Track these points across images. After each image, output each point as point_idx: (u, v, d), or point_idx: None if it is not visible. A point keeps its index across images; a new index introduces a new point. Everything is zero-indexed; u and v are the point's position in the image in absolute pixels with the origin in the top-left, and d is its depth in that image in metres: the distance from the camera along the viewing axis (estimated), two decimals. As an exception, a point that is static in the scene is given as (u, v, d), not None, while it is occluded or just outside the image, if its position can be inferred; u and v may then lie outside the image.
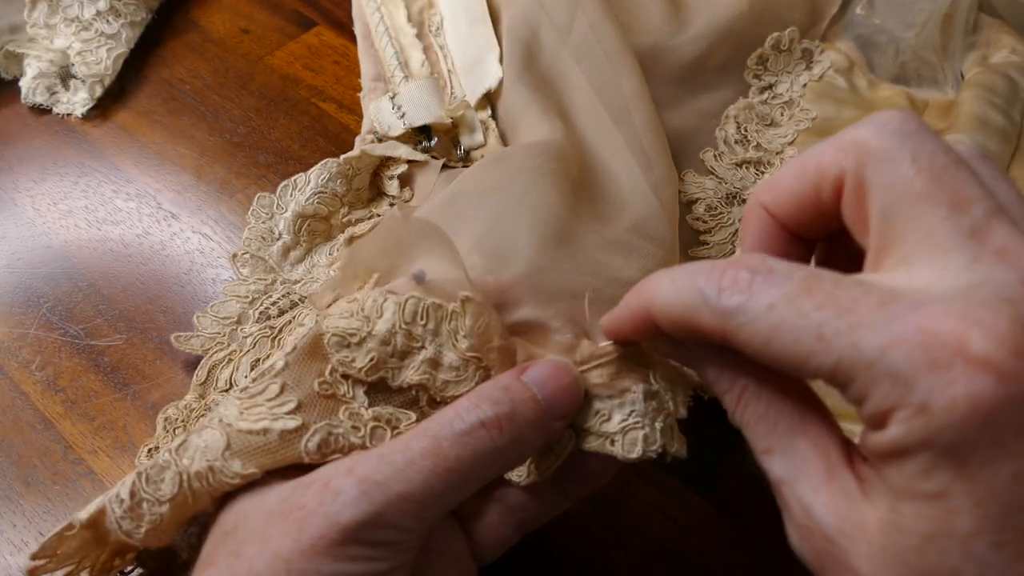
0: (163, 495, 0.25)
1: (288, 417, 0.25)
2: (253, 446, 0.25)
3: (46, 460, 0.36)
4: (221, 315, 0.39)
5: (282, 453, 0.25)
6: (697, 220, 0.43)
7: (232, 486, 0.25)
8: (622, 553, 0.33)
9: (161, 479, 0.25)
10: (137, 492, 0.25)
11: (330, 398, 0.26)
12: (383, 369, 0.26)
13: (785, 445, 0.20)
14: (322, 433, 0.25)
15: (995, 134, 0.45)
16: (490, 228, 0.32)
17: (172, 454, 0.25)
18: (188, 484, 0.24)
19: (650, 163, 0.38)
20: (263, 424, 0.25)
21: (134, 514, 0.25)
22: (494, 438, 0.23)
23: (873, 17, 0.50)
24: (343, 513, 0.22)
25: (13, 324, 0.40)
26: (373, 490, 0.22)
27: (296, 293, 0.39)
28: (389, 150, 0.42)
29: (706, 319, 0.20)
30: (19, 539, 0.33)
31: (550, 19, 0.44)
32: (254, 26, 0.54)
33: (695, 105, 0.48)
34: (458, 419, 0.24)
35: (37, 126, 0.48)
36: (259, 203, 0.41)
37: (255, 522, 0.24)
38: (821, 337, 0.18)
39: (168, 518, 0.25)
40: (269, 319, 0.38)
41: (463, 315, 0.26)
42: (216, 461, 0.24)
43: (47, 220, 0.44)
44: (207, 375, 0.37)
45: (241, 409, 0.25)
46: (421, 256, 0.28)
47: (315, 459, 0.25)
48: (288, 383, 0.26)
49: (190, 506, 0.25)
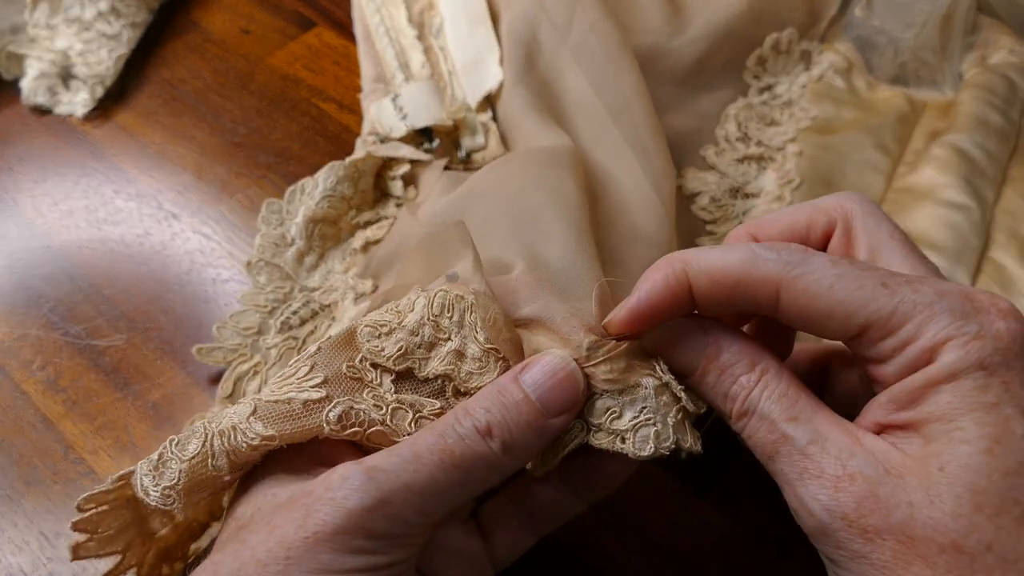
0: (187, 454, 0.25)
1: (313, 389, 0.26)
2: (277, 412, 0.26)
3: (47, 460, 0.36)
4: (241, 325, 0.39)
5: (303, 421, 0.26)
6: (703, 210, 0.43)
7: (252, 448, 0.25)
8: (621, 552, 0.33)
9: (188, 441, 0.26)
10: (164, 452, 0.26)
11: (356, 380, 0.27)
12: (410, 359, 0.27)
13: (809, 415, 0.23)
14: (344, 406, 0.26)
15: (994, 134, 0.45)
16: (522, 225, 0.32)
17: (204, 422, 0.26)
18: (210, 442, 0.25)
19: (649, 159, 0.38)
20: (289, 394, 0.26)
21: (156, 472, 0.26)
22: (487, 443, 0.24)
23: (872, 18, 0.50)
24: (350, 498, 0.22)
25: (14, 324, 0.40)
26: (380, 476, 0.23)
27: (315, 301, 0.39)
28: (392, 151, 0.43)
29: (762, 270, 0.23)
30: (20, 538, 0.34)
31: (549, 19, 0.44)
32: (254, 27, 0.54)
33: (695, 105, 0.48)
34: (458, 422, 0.24)
35: (38, 126, 0.49)
36: (268, 209, 0.41)
37: (266, 512, 0.24)
38: (886, 284, 0.22)
39: (185, 479, 0.25)
40: (291, 329, 0.39)
41: (478, 307, 0.27)
42: (241, 423, 0.25)
43: (48, 220, 0.44)
44: (233, 387, 0.37)
45: (273, 388, 0.26)
46: (461, 261, 0.29)
47: (335, 431, 0.26)
48: (318, 363, 0.27)
49: (208, 471, 0.25)
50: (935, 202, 0.42)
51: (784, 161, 0.45)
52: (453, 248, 0.29)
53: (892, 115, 0.47)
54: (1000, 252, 0.41)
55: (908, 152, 0.46)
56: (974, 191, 0.42)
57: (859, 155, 0.46)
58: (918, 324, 0.21)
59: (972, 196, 0.42)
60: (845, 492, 0.21)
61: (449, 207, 0.37)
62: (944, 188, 0.42)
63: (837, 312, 0.22)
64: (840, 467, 0.21)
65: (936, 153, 0.44)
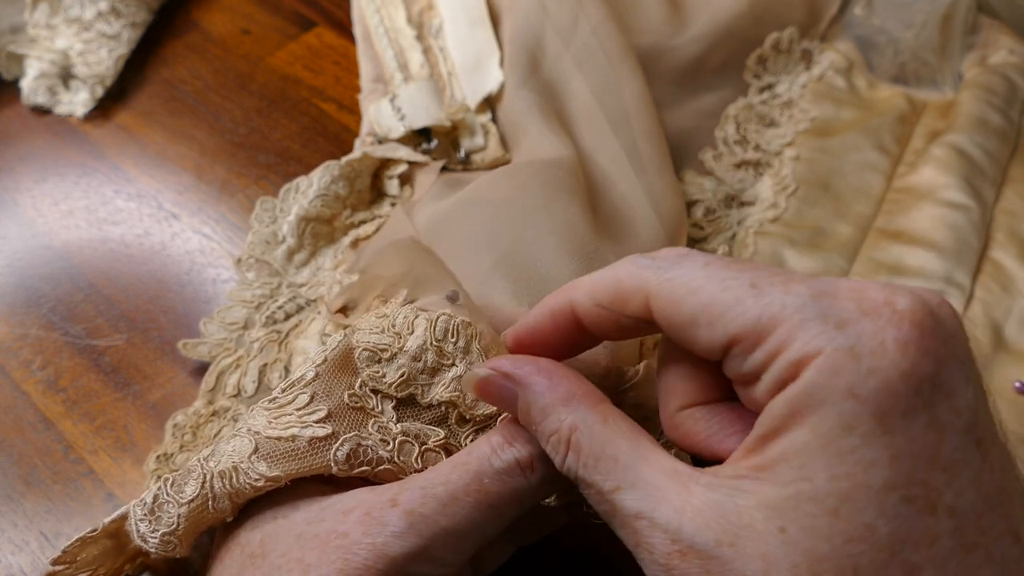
0: (184, 497, 0.24)
1: (318, 425, 0.25)
2: (281, 451, 0.24)
3: (47, 460, 0.36)
4: (227, 321, 0.39)
5: (309, 460, 0.25)
6: (694, 227, 0.43)
7: (256, 490, 0.24)
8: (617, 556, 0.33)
9: (185, 482, 0.25)
10: (160, 495, 0.25)
11: (359, 410, 0.26)
12: (413, 385, 0.26)
13: (632, 478, 0.20)
14: (351, 444, 0.25)
15: (993, 134, 0.45)
16: (513, 246, 0.32)
17: (200, 461, 0.25)
18: (210, 485, 0.24)
19: (646, 173, 0.38)
20: (292, 431, 0.25)
21: (152, 516, 0.25)
22: (528, 477, 0.23)
23: (872, 18, 0.50)
24: (391, 545, 0.22)
25: (14, 324, 0.40)
26: (420, 523, 0.22)
27: (302, 297, 0.39)
28: (390, 152, 0.43)
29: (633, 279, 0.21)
30: (20, 538, 0.34)
31: (553, 23, 0.44)
32: (254, 27, 0.54)
33: (694, 105, 0.48)
34: (495, 456, 0.23)
35: (38, 126, 0.49)
36: (262, 207, 0.41)
37: (286, 546, 0.23)
38: (754, 285, 0.19)
39: (185, 523, 0.25)
40: (276, 323, 0.38)
41: (481, 333, 0.26)
42: (242, 463, 0.24)
43: (48, 220, 0.44)
44: (216, 381, 0.37)
45: (270, 419, 0.25)
46: (433, 282, 0.28)
47: (343, 470, 0.25)
48: (318, 393, 0.25)
49: (208, 513, 0.25)
50: (935, 202, 0.42)
51: (781, 167, 0.45)
52: (432, 272, 0.29)
53: (892, 115, 0.47)
54: (1000, 252, 0.41)
55: (908, 152, 0.46)
56: (974, 191, 0.42)
57: (858, 156, 0.46)
58: (788, 331, 0.18)
59: (972, 196, 0.42)
60: (677, 570, 0.18)
61: (449, 213, 0.37)
62: (944, 188, 0.42)
63: (702, 318, 0.19)
64: (669, 543, 0.18)
65: (936, 153, 0.44)
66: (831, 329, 0.17)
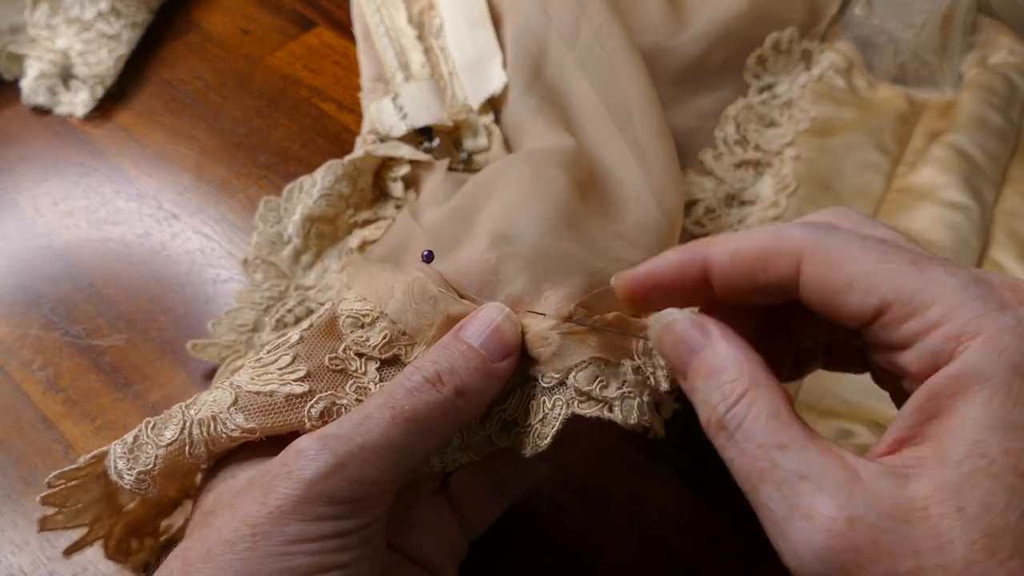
0: (163, 440, 0.25)
1: (296, 383, 0.26)
2: (258, 404, 0.26)
3: (47, 460, 0.36)
4: (237, 323, 0.39)
5: (285, 416, 0.26)
6: (695, 224, 0.43)
7: (232, 440, 0.25)
8: (619, 550, 0.33)
9: (165, 426, 0.26)
10: (140, 436, 0.26)
11: (339, 372, 0.27)
12: (396, 346, 0.27)
13: (802, 443, 0.20)
14: (326, 402, 0.26)
15: (993, 134, 0.45)
16: (504, 213, 0.33)
17: (181, 408, 0.26)
18: (189, 431, 0.25)
19: (651, 170, 0.38)
20: (271, 387, 0.26)
21: (131, 455, 0.26)
22: (439, 390, 0.24)
23: (872, 18, 0.50)
24: (306, 468, 0.22)
25: (14, 324, 0.40)
26: (333, 443, 0.23)
27: (311, 299, 0.39)
28: (392, 150, 0.42)
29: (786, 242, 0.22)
30: (20, 538, 0.34)
31: (555, 26, 0.44)
32: (254, 27, 0.54)
33: (695, 105, 0.48)
34: (406, 378, 0.25)
35: (38, 127, 0.49)
36: (266, 207, 0.41)
37: (227, 497, 0.25)
38: (914, 262, 0.20)
39: (161, 464, 0.25)
40: (286, 327, 0.39)
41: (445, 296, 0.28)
42: (221, 413, 0.25)
43: (48, 220, 0.44)
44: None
45: (252, 375, 0.26)
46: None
47: (316, 426, 0.26)
48: (300, 354, 0.27)
49: (185, 458, 0.25)
50: (935, 202, 0.42)
51: (781, 166, 0.45)
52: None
53: (892, 115, 0.47)
54: (1000, 252, 0.41)
55: (908, 152, 0.46)
56: (974, 191, 0.42)
57: (858, 156, 0.46)
58: (948, 308, 0.19)
59: (972, 196, 0.42)
60: (842, 538, 0.18)
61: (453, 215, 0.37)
62: (944, 188, 0.42)
63: (858, 284, 0.20)
64: (836, 509, 0.18)
65: (936, 153, 0.44)
66: (993, 311, 0.18)
